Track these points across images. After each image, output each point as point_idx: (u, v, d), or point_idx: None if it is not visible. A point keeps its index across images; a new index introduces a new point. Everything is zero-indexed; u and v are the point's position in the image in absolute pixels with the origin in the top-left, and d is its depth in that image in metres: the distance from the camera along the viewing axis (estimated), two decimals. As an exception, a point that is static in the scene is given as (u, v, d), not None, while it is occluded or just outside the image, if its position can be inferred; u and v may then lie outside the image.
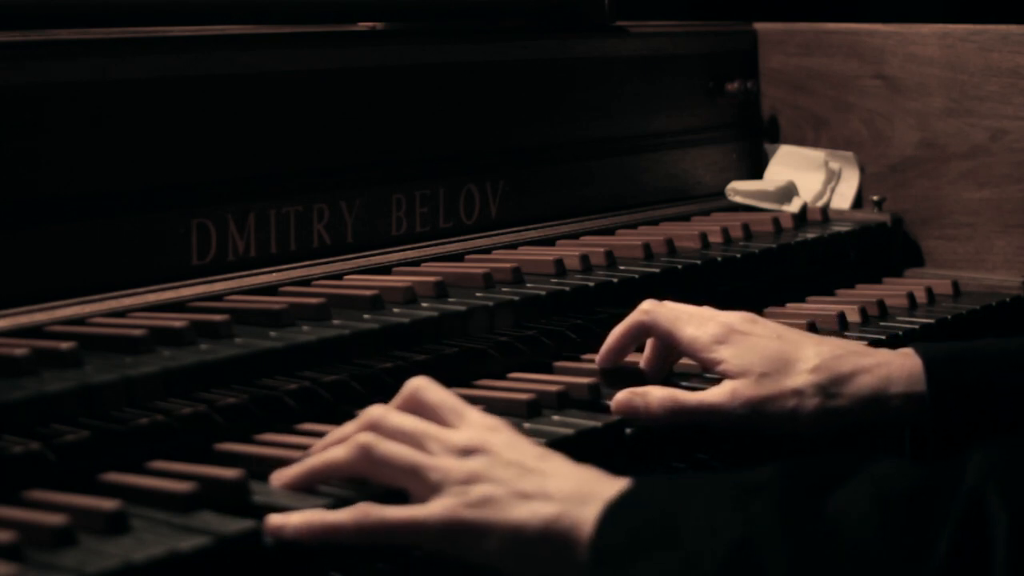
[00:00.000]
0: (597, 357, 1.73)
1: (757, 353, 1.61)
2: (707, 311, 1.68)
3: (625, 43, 2.31)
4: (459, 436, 1.33)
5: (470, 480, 1.29)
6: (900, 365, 1.60)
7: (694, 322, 1.66)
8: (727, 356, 1.62)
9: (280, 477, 1.36)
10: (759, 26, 2.53)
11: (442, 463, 1.31)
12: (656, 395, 1.61)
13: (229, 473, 1.33)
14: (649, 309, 1.69)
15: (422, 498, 1.30)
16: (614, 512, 1.23)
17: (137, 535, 1.22)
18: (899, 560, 1.12)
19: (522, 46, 2.15)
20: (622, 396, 1.61)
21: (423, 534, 1.28)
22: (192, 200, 1.73)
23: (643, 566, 1.18)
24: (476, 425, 1.35)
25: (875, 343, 1.90)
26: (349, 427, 1.38)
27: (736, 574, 1.15)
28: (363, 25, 2.05)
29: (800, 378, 1.59)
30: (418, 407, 1.38)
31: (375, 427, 1.35)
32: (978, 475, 1.13)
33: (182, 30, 1.79)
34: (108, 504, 1.23)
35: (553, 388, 1.63)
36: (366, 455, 1.33)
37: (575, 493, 1.26)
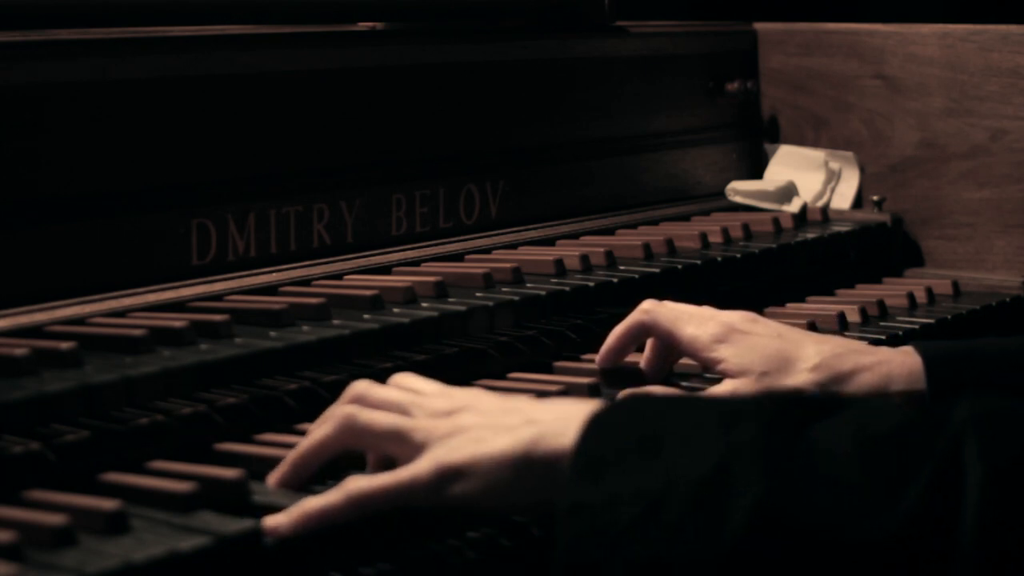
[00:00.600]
0: (597, 357, 1.73)
1: (757, 352, 1.61)
2: (707, 311, 1.68)
3: (625, 43, 2.31)
4: (441, 401, 1.33)
5: (454, 432, 1.28)
6: (900, 363, 1.60)
7: (694, 322, 1.66)
8: (727, 355, 1.62)
9: (273, 476, 1.36)
10: (759, 26, 2.53)
11: (426, 423, 1.30)
12: (659, 392, 1.61)
13: (229, 473, 1.33)
14: (649, 309, 1.69)
15: (409, 461, 1.30)
16: (599, 422, 1.22)
17: (137, 535, 1.22)
18: (872, 501, 1.12)
19: (522, 46, 2.15)
20: (623, 396, 1.61)
21: (416, 491, 1.27)
22: (192, 200, 1.73)
23: (623, 478, 1.17)
24: (458, 393, 1.35)
25: (875, 343, 1.90)
26: (333, 406, 1.38)
27: (713, 496, 1.14)
28: (363, 25, 2.05)
29: (800, 377, 1.59)
30: (401, 388, 1.39)
31: (358, 400, 1.36)
32: (960, 424, 1.13)
33: (182, 30, 1.79)
34: (108, 504, 1.23)
35: (553, 388, 1.63)
36: (349, 426, 1.33)
37: (559, 418, 1.26)
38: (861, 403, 1.20)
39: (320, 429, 1.36)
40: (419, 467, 1.27)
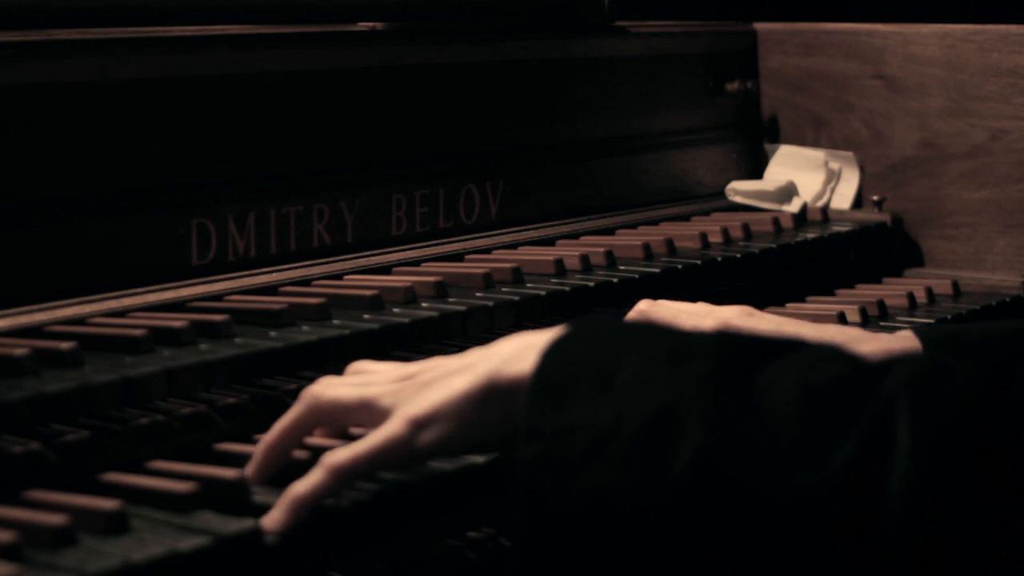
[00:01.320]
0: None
1: None
2: (703, 307, 1.68)
3: (625, 43, 2.31)
4: (401, 370, 1.34)
5: (419, 390, 1.29)
6: (900, 349, 1.60)
7: (692, 319, 1.66)
8: None
9: (249, 469, 1.36)
10: (759, 26, 2.53)
11: (391, 387, 1.31)
12: None
13: (229, 473, 1.33)
14: (645, 309, 1.69)
15: (378, 426, 1.30)
16: (557, 349, 1.23)
17: (137, 535, 1.22)
18: (806, 456, 1.13)
19: (522, 46, 2.15)
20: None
21: (391, 449, 1.27)
22: (192, 200, 1.73)
23: (576, 409, 1.18)
24: (417, 363, 1.36)
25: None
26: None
27: (657, 438, 1.15)
28: (363, 25, 2.05)
29: None
30: (358, 371, 1.40)
31: (321, 383, 1.37)
32: (895, 384, 1.14)
33: (182, 30, 1.79)
34: (108, 504, 1.23)
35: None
36: (315, 403, 1.34)
37: (517, 347, 1.27)
38: (811, 348, 1.21)
39: (287, 413, 1.36)
40: (390, 426, 1.28)
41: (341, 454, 1.28)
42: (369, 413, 1.32)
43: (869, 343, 1.62)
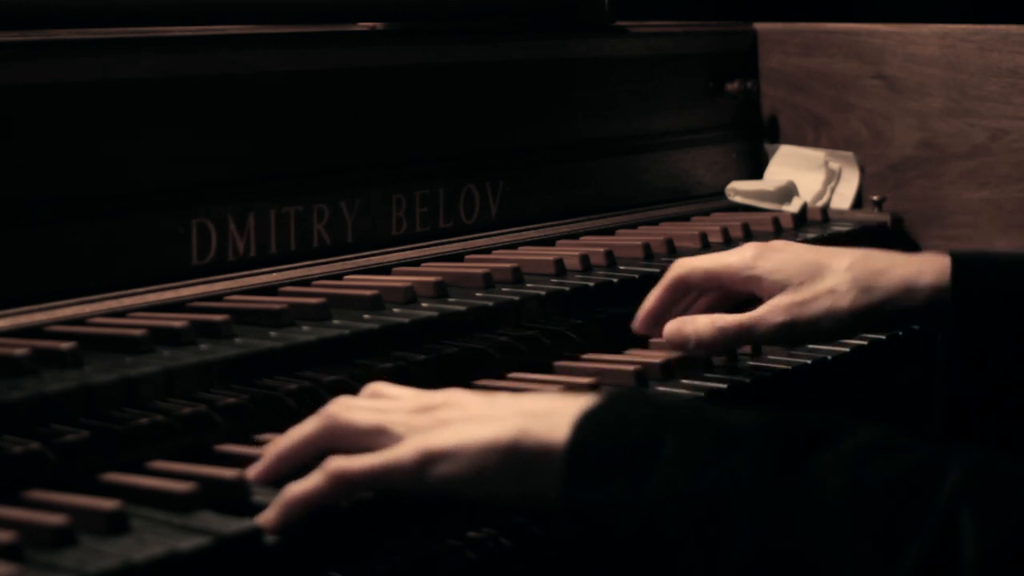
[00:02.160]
0: (635, 322, 1.76)
1: (793, 263, 1.68)
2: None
3: (625, 43, 2.31)
4: (421, 398, 1.34)
5: (436, 425, 1.29)
6: (931, 260, 1.66)
7: (730, 253, 1.74)
8: (765, 270, 1.69)
9: (253, 470, 1.36)
10: (759, 26, 2.53)
11: (407, 418, 1.31)
12: (704, 320, 1.69)
13: (229, 473, 1.33)
14: (680, 264, 1.74)
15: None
16: (593, 421, 1.22)
17: (137, 535, 1.22)
18: (868, 564, 1.11)
19: (522, 46, 2.15)
20: (672, 325, 1.71)
21: (398, 472, 1.26)
22: (192, 200, 1.73)
23: (617, 484, 1.17)
24: (437, 393, 1.36)
25: (876, 343, 1.90)
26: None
27: (706, 526, 1.14)
28: (363, 25, 2.05)
29: (835, 277, 1.66)
30: (375, 394, 1.40)
31: (338, 404, 1.36)
32: (956, 487, 1.13)
33: (182, 30, 1.79)
34: (108, 504, 1.23)
35: (553, 388, 1.63)
36: (331, 424, 1.33)
37: (544, 407, 1.26)
38: (862, 432, 1.18)
39: (301, 427, 1.36)
40: (403, 450, 1.27)
41: (346, 463, 1.28)
42: (382, 438, 1.31)
43: (901, 257, 1.68)
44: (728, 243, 2.12)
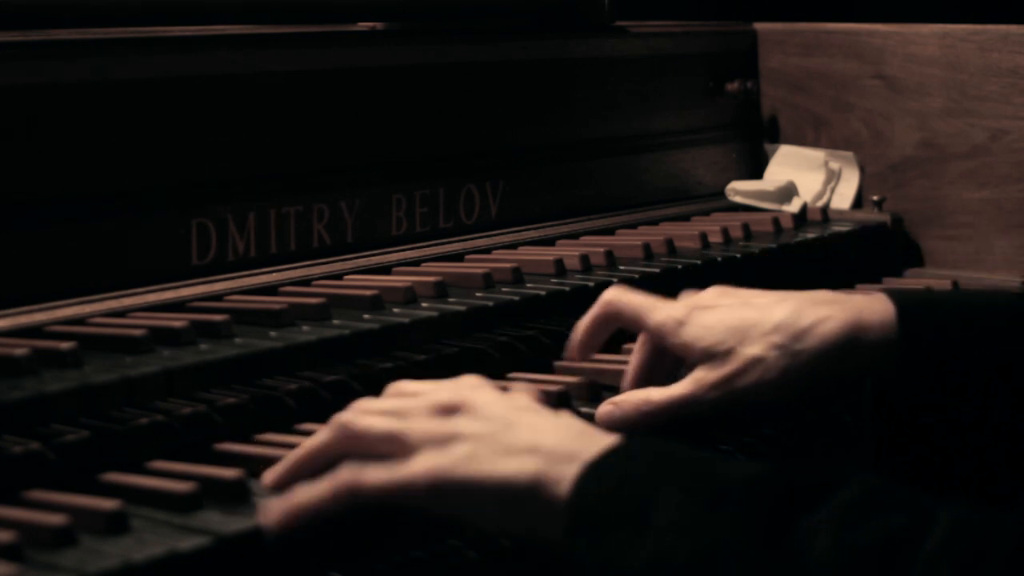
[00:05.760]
0: (570, 351, 1.66)
1: (719, 327, 1.54)
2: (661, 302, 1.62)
3: (625, 43, 2.31)
4: (438, 394, 1.33)
5: (452, 437, 1.28)
6: (874, 311, 1.53)
7: (660, 307, 1.60)
8: (689, 339, 1.55)
9: (268, 475, 1.36)
10: (759, 26, 2.53)
11: (422, 424, 1.30)
12: (630, 400, 1.57)
13: (229, 473, 1.33)
14: (611, 298, 1.62)
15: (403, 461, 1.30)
16: (592, 477, 1.23)
17: (137, 535, 1.22)
18: None
19: (522, 46, 2.15)
20: (603, 409, 1.58)
21: (409, 491, 1.27)
22: (192, 200, 1.73)
23: (614, 547, 1.19)
24: (455, 384, 1.35)
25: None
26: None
27: None
28: (363, 25, 2.05)
29: (759, 344, 1.53)
30: (397, 394, 1.39)
31: (356, 409, 1.36)
32: (937, 549, 1.13)
33: (182, 30, 1.79)
34: (108, 504, 1.23)
35: (553, 388, 1.62)
36: (345, 431, 1.33)
37: (560, 449, 1.25)
38: (849, 489, 1.18)
39: (317, 435, 1.36)
40: (415, 471, 1.27)
41: (358, 477, 1.27)
42: (396, 445, 1.30)
43: (837, 305, 1.55)
44: (728, 243, 2.12)
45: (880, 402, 1.55)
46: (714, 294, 1.60)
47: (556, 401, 1.59)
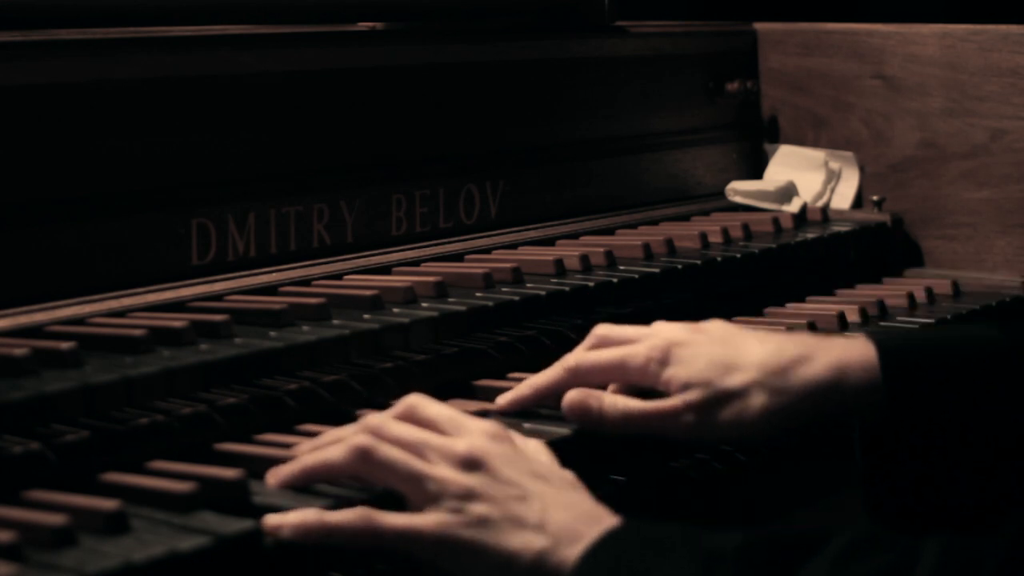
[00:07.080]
0: (511, 404, 1.60)
1: (700, 361, 1.53)
2: (644, 331, 1.59)
3: (625, 43, 2.31)
4: (459, 445, 1.34)
5: (467, 496, 1.31)
6: (856, 354, 1.53)
7: (631, 350, 1.56)
8: (671, 375, 1.53)
9: (276, 475, 1.36)
10: (759, 26, 2.53)
11: (440, 473, 1.32)
12: (610, 400, 1.55)
13: (229, 473, 1.33)
14: (603, 333, 1.59)
15: (418, 505, 1.32)
16: (590, 560, 1.27)
17: (137, 535, 1.22)
18: None
19: (522, 46, 2.15)
20: (575, 395, 1.54)
21: (418, 544, 1.30)
22: (192, 200, 1.73)
23: None
24: (476, 432, 1.36)
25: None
26: (347, 430, 1.38)
27: None
28: (363, 25, 2.05)
29: (740, 377, 1.51)
30: (415, 419, 1.38)
31: (375, 432, 1.36)
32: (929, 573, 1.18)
33: (182, 30, 1.79)
34: (108, 504, 1.23)
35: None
36: (364, 457, 1.34)
37: (566, 529, 1.30)
38: (837, 540, 1.23)
39: (332, 451, 1.36)
40: (427, 525, 1.30)
41: (375, 520, 1.29)
42: (412, 487, 1.32)
43: (818, 347, 1.54)
44: (728, 243, 2.12)
45: (869, 448, 1.56)
46: (684, 331, 1.58)
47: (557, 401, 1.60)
